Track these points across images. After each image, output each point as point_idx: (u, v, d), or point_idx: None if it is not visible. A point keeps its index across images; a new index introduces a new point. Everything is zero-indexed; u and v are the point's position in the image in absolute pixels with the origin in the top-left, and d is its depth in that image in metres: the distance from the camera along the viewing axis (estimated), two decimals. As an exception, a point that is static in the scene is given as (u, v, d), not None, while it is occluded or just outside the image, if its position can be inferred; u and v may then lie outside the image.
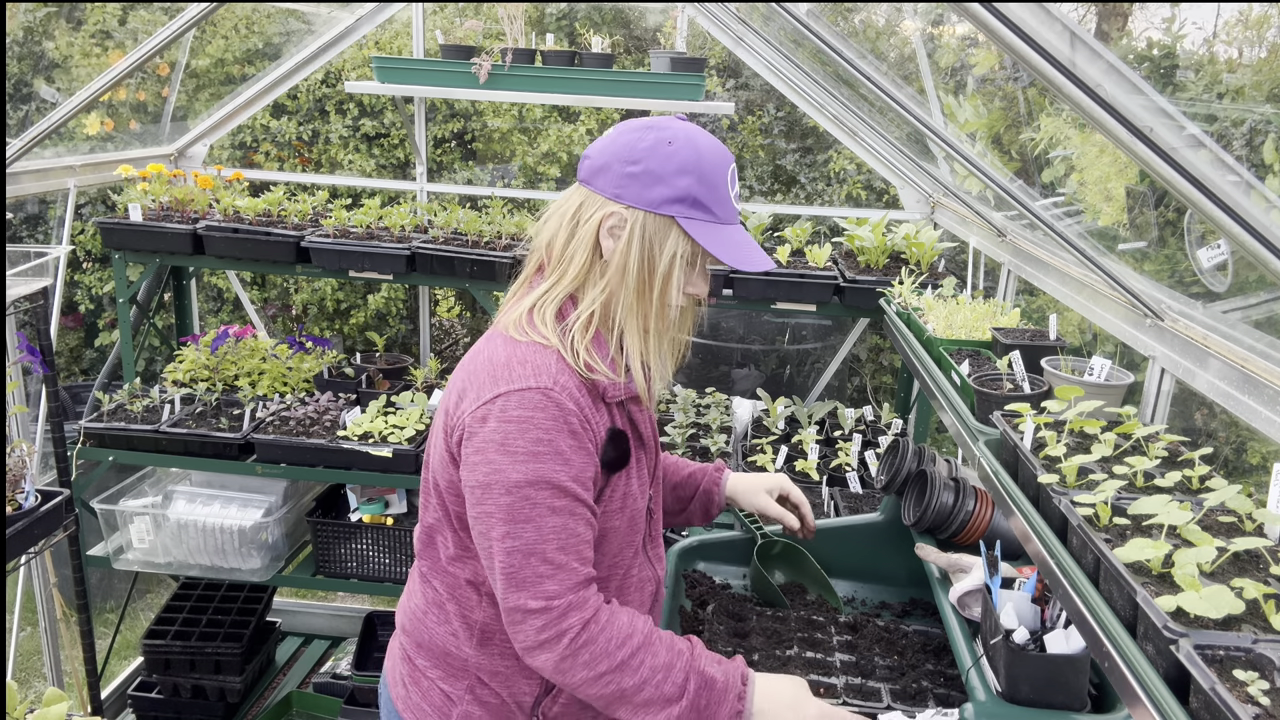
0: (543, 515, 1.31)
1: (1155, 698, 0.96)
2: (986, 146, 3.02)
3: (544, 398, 1.32)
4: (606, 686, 1.33)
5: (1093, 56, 1.05)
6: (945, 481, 1.93)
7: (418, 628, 1.55)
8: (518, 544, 1.31)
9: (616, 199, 1.37)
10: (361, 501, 3.24)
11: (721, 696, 1.37)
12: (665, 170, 1.35)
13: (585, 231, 1.38)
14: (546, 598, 1.31)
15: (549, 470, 1.31)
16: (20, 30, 4.62)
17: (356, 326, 4.92)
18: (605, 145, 1.40)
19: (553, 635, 1.31)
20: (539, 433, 1.31)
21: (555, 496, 1.32)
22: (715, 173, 1.38)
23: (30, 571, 3.14)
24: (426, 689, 1.52)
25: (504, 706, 1.48)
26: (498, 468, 1.31)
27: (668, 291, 1.39)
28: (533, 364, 1.34)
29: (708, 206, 1.37)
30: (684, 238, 1.37)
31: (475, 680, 1.48)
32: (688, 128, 1.40)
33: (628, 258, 1.37)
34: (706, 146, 1.39)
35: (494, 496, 1.31)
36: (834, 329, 4.81)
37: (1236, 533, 1.19)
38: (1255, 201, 1.12)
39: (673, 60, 3.23)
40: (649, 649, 1.36)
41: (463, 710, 1.49)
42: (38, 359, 2.56)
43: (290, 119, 4.79)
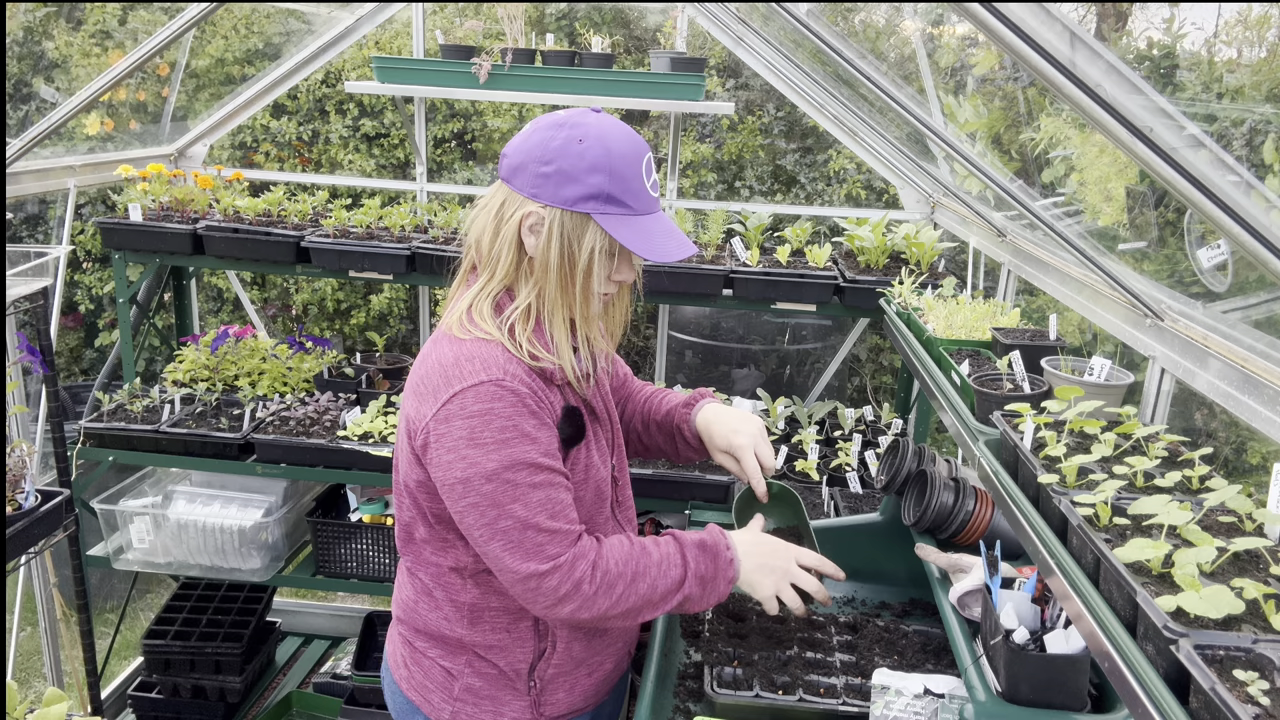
0: (526, 492, 1.39)
1: (1155, 698, 0.96)
2: (986, 146, 3.02)
3: (497, 388, 1.39)
4: (628, 602, 1.46)
5: (1093, 56, 1.05)
6: (945, 481, 1.93)
7: (412, 616, 1.65)
8: (512, 523, 1.39)
9: (534, 198, 1.42)
10: (361, 501, 3.24)
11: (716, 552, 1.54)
12: (577, 169, 1.40)
13: (508, 230, 1.44)
14: (552, 559, 1.40)
15: (520, 452, 1.39)
16: (20, 30, 4.62)
17: (357, 327, 4.92)
18: (520, 143, 1.45)
19: (571, 587, 1.42)
20: (502, 420, 1.39)
21: (533, 473, 1.40)
22: (627, 166, 1.41)
23: (30, 571, 3.14)
24: (428, 667, 1.62)
25: (502, 675, 1.59)
26: (472, 461, 1.38)
27: (589, 283, 1.44)
28: (480, 359, 1.41)
29: (622, 200, 1.41)
30: (601, 233, 1.42)
31: (472, 655, 1.59)
32: (601, 122, 1.43)
33: (549, 254, 1.42)
34: (617, 141, 1.41)
35: (476, 488, 1.39)
36: (834, 329, 4.81)
37: (1236, 533, 1.19)
38: (1255, 201, 1.12)
39: (673, 60, 3.23)
40: (645, 553, 1.51)
41: (464, 683, 1.59)
42: (38, 359, 2.56)
43: (290, 119, 4.79)
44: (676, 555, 1.52)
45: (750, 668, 1.71)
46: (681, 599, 1.50)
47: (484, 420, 1.38)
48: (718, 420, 1.76)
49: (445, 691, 1.60)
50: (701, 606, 1.54)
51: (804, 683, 1.66)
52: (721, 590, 1.54)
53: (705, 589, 1.52)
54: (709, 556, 1.54)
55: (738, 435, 1.73)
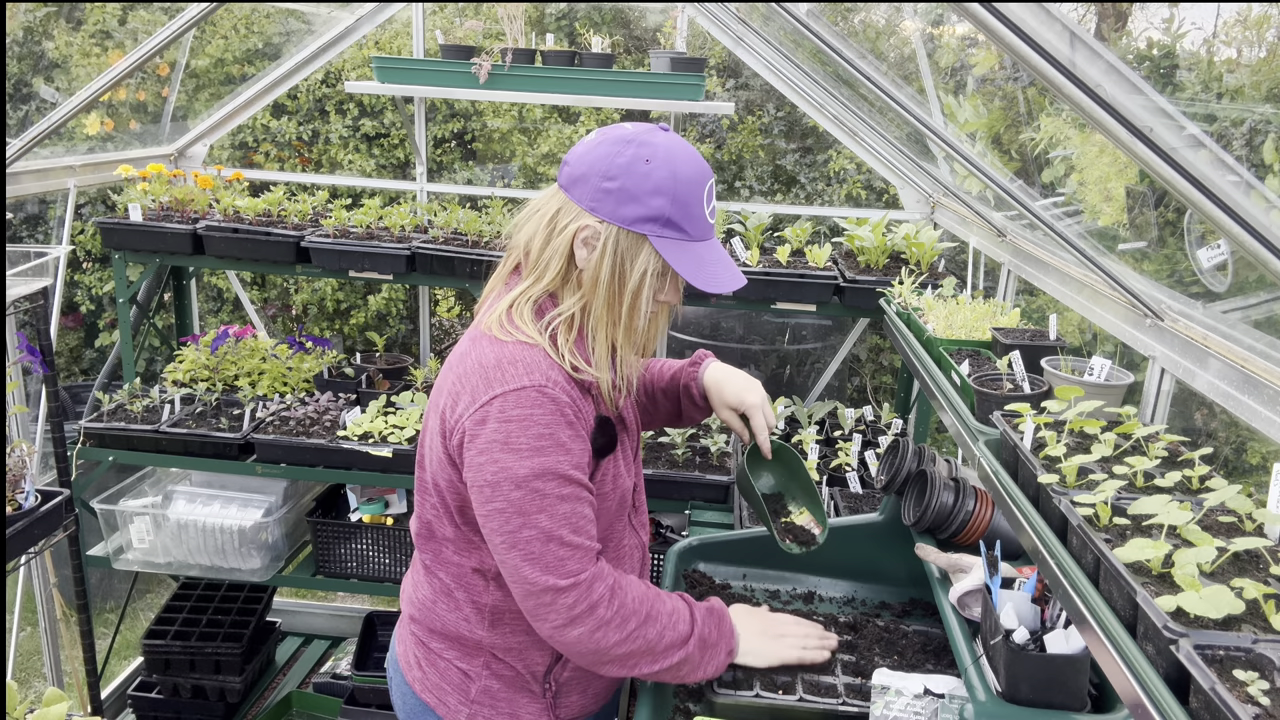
0: (553, 504, 1.37)
1: (1155, 698, 0.96)
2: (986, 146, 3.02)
3: (539, 394, 1.37)
4: (635, 643, 1.44)
5: (1093, 56, 1.05)
6: (945, 481, 1.93)
7: (428, 616, 1.61)
8: (535, 533, 1.37)
9: (592, 211, 1.40)
10: (361, 501, 3.24)
11: (721, 618, 1.56)
12: (640, 190, 1.38)
13: (561, 240, 1.42)
14: (572, 575, 1.39)
15: (553, 462, 1.37)
16: (20, 30, 4.62)
17: (356, 327, 4.92)
18: (584, 153, 1.43)
19: (585, 608, 1.40)
20: (539, 428, 1.37)
21: (562, 485, 1.38)
22: (690, 192, 1.40)
23: (30, 571, 3.14)
24: (444, 669, 1.60)
25: (519, 678, 1.57)
26: (504, 466, 1.36)
27: (637, 304, 1.43)
28: (523, 363, 1.39)
29: (680, 226, 1.40)
30: (655, 255, 1.41)
31: (490, 657, 1.57)
32: (669, 142, 1.42)
33: (600, 271, 1.41)
34: (683, 164, 1.40)
35: (504, 493, 1.37)
36: (834, 329, 4.81)
37: (1236, 533, 1.19)
38: (1255, 201, 1.12)
39: (673, 60, 3.23)
40: (659, 599, 1.50)
41: (481, 685, 1.57)
42: (38, 359, 2.56)
43: (290, 119, 4.79)
44: (685, 612, 1.52)
45: (750, 667, 1.71)
46: (682, 657, 1.49)
47: (521, 426, 1.36)
48: (728, 380, 1.80)
49: (462, 694, 1.58)
50: (695, 675, 1.53)
51: (804, 682, 1.66)
52: (720, 660, 1.55)
53: (705, 654, 1.52)
54: (714, 620, 1.55)
55: (749, 394, 1.77)
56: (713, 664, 1.54)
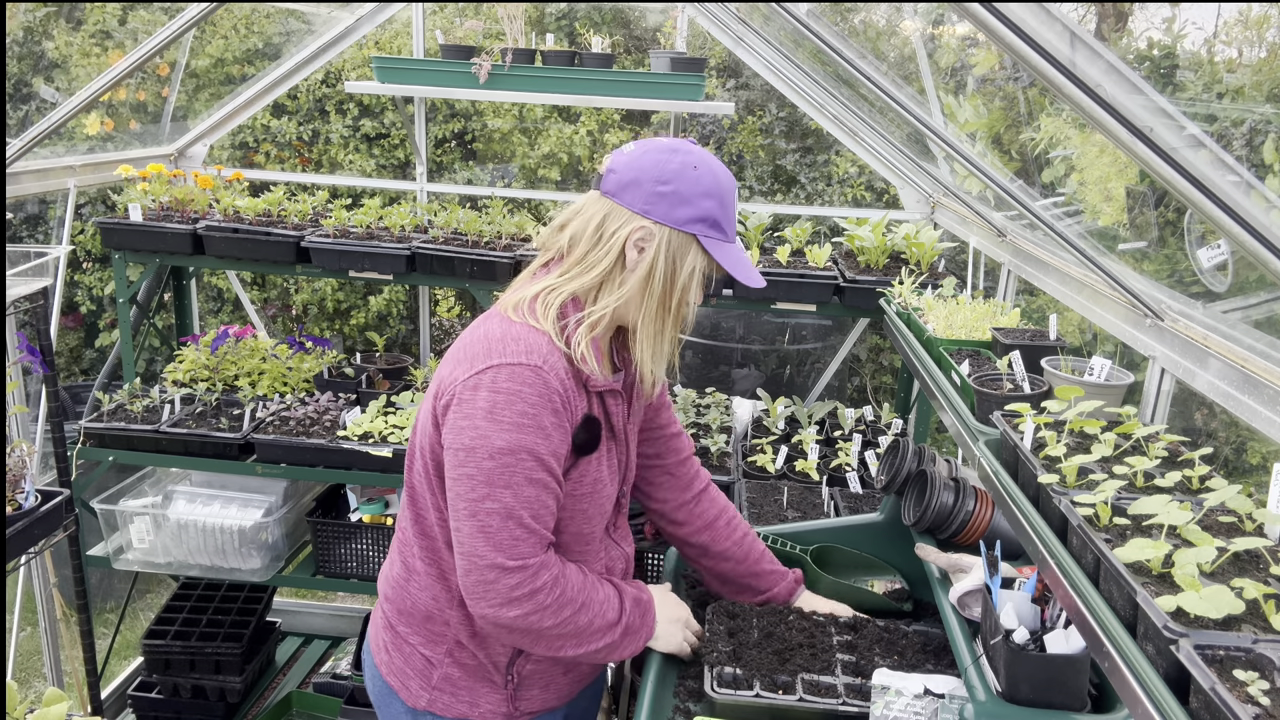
0: (520, 484, 1.42)
1: (1155, 698, 0.96)
2: (986, 146, 3.02)
3: (534, 374, 1.43)
4: (566, 628, 1.50)
5: (1093, 56, 1.05)
6: (945, 481, 1.93)
7: (399, 594, 1.66)
8: (496, 506, 1.42)
9: (645, 214, 1.48)
10: (361, 501, 3.24)
11: (646, 609, 1.65)
12: (693, 192, 1.48)
13: (613, 242, 1.50)
14: (521, 558, 1.43)
15: (531, 441, 1.42)
16: (20, 30, 4.62)
17: (357, 327, 4.92)
18: (632, 161, 1.51)
19: (526, 592, 1.44)
20: (525, 405, 1.42)
21: (535, 468, 1.43)
22: (729, 197, 1.53)
23: (30, 571, 3.14)
24: (408, 654, 1.65)
25: (481, 667, 1.62)
26: (483, 434, 1.41)
27: (685, 300, 1.53)
28: (526, 342, 1.45)
29: (722, 227, 1.52)
30: (702, 254, 1.51)
31: (454, 644, 1.61)
32: (704, 154, 1.55)
33: (654, 270, 1.49)
34: (722, 173, 1.53)
35: (477, 460, 1.41)
36: (834, 329, 4.81)
37: (1236, 533, 1.19)
38: (1255, 201, 1.12)
39: (673, 60, 3.23)
40: (594, 588, 1.56)
41: (443, 673, 1.62)
42: (38, 359, 2.56)
43: (290, 119, 4.79)
44: (615, 599, 1.60)
45: (750, 667, 1.71)
46: (606, 643, 1.57)
47: (509, 399, 1.41)
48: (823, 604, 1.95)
49: (424, 679, 1.63)
50: (615, 656, 1.60)
51: (804, 682, 1.66)
52: (637, 646, 1.64)
53: (626, 639, 1.61)
54: (640, 611, 1.64)
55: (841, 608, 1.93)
56: (630, 648, 1.62)
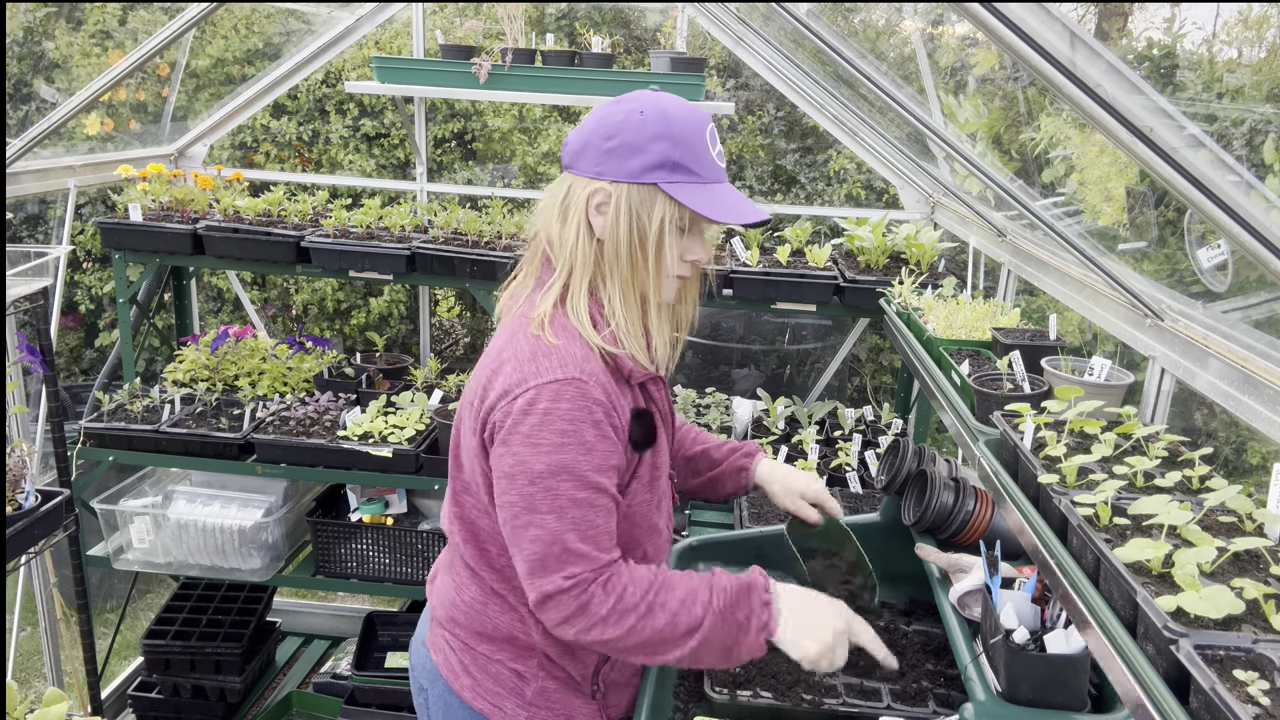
0: (564, 506, 1.35)
1: (1155, 698, 0.96)
2: (986, 146, 3.02)
3: (572, 389, 1.35)
4: (643, 634, 1.37)
5: (1093, 56, 1.05)
6: (945, 481, 1.93)
7: (476, 619, 1.57)
8: (541, 532, 1.35)
9: (599, 176, 1.40)
10: (361, 501, 3.24)
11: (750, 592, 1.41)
12: (640, 139, 1.37)
13: (576, 214, 1.42)
14: (570, 579, 1.36)
15: (571, 461, 1.34)
16: (20, 30, 4.62)
17: (357, 327, 4.92)
18: (581, 129, 1.44)
19: (576, 609, 1.36)
20: (563, 424, 1.34)
21: (577, 488, 1.35)
22: (690, 133, 1.39)
23: (30, 571, 3.14)
24: (497, 673, 1.55)
25: (571, 680, 1.56)
26: (522, 459, 1.35)
27: (662, 259, 1.41)
28: (558, 355, 1.37)
29: (688, 168, 1.38)
30: (670, 202, 1.38)
31: (544, 658, 1.54)
32: (658, 96, 1.42)
33: (618, 231, 1.39)
34: (678, 110, 1.40)
35: (518, 486, 1.35)
36: (834, 329, 4.81)
37: (1236, 533, 1.19)
38: (1255, 201, 1.11)
39: (673, 60, 3.23)
40: (667, 590, 1.40)
41: (538, 687, 1.54)
42: (38, 359, 2.56)
43: (290, 119, 4.79)
44: (705, 593, 1.40)
45: (749, 667, 1.71)
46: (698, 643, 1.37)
47: (546, 420, 1.34)
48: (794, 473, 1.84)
49: (518, 697, 1.54)
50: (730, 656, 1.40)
51: (804, 682, 1.66)
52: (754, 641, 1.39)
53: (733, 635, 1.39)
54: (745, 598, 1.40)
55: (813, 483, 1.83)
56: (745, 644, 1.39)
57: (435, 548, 3.04)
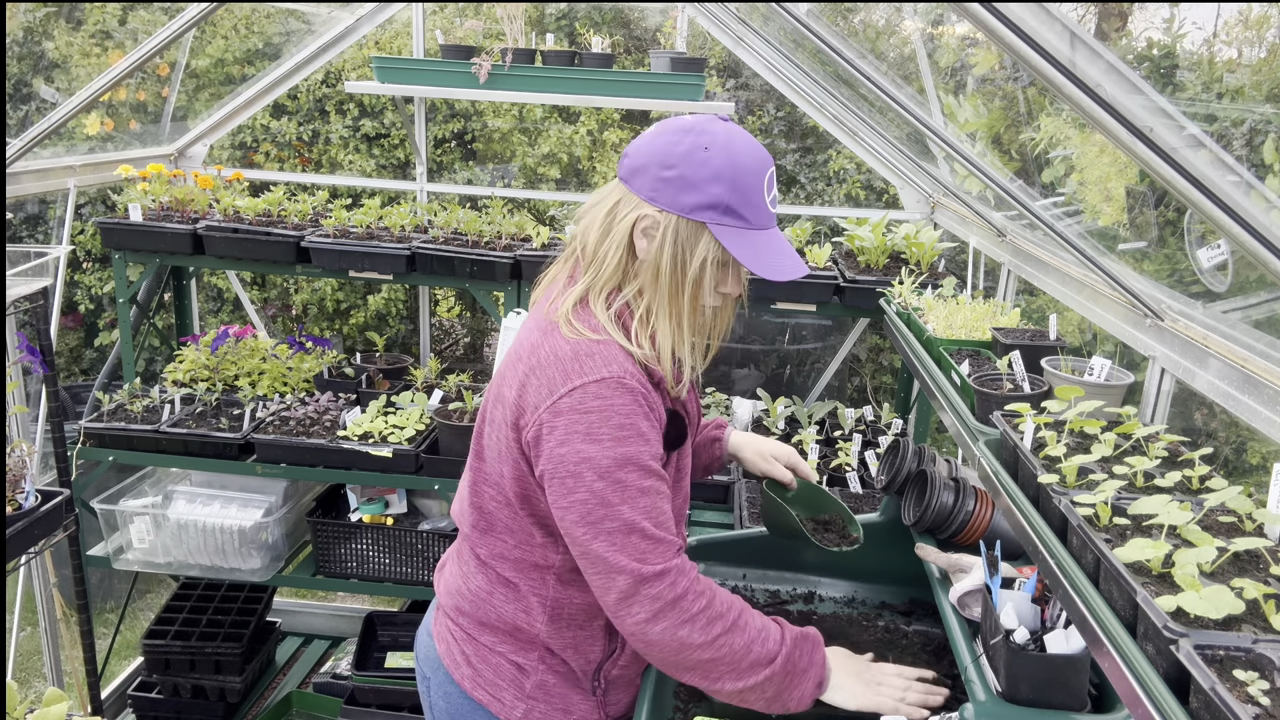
0: (634, 496, 1.37)
1: (1155, 698, 0.96)
2: (986, 146, 3.02)
3: (618, 385, 1.37)
4: (719, 649, 1.39)
5: (1093, 56, 1.05)
6: (945, 481, 1.93)
7: (481, 609, 1.58)
8: (617, 524, 1.36)
9: (651, 201, 1.41)
10: (361, 501, 3.24)
11: (815, 644, 1.49)
12: (699, 177, 1.38)
13: (619, 231, 1.43)
14: (658, 564, 1.37)
15: (634, 452, 1.37)
16: (20, 30, 4.62)
17: (356, 327, 4.91)
18: (644, 145, 1.44)
19: (669, 601, 1.37)
20: (620, 418, 1.37)
21: (643, 476, 1.38)
22: (749, 179, 1.40)
23: (30, 571, 3.14)
24: (497, 664, 1.57)
25: (572, 674, 1.57)
26: (586, 456, 1.36)
27: (699, 293, 1.44)
28: (600, 355, 1.39)
29: (739, 213, 1.40)
30: (715, 243, 1.41)
31: (545, 651, 1.55)
32: (728, 130, 1.42)
33: (660, 260, 1.41)
34: (743, 152, 1.40)
35: (587, 484, 1.36)
36: (834, 329, 4.81)
37: (1236, 533, 1.19)
38: (1255, 201, 1.12)
39: (673, 60, 3.23)
40: (748, 612, 1.45)
41: (537, 680, 1.55)
42: (38, 359, 2.56)
43: (290, 119, 4.79)
44: (776, 631, 1.46)
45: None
46: (766, 676, 1.42)
47: (603, 415, 1.36)
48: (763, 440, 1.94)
49: (517, 689, 1.55)
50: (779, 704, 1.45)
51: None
52: (806, 690, 1.46)
53: (790, 680, 1.45)
54: (807, 646, 1.48)
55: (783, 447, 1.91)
56: (797, 692, 1.46)
57: (435, 548, 3.05)
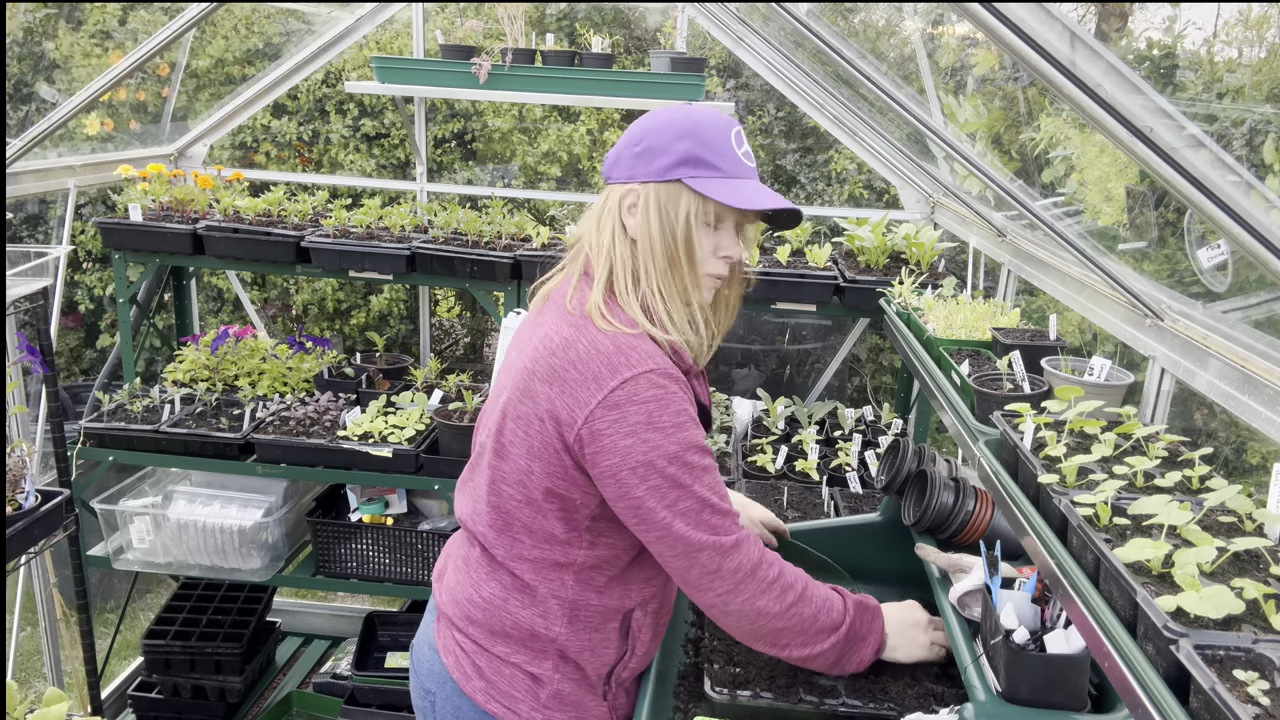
0: (700, 474, 1.42)
1: (1155, 698, 0.96)
2: (986, 146, 3.02)
3: (665, 376, 1.41)
4: (791, 619, 1.48)
5: (1093, 56, 1.05)
6: (945, 481, 1.93)
7: (495, 617, 1.55)
8: (692, 504, 1.41)
9: (629, 180, 1.47)
10: (361, 501, 3.24)
11: (874, 615, 1.59)
12: (664, 140, 1.44)
13: (609, 217, 1.49)
14: (733, 536, 1.44)
15: (693, 435, 1.43)
16: (20, 30, 4.62)
17: (357, 327, 4.91)
18: (617, 143, 1.52)
19: (749, 570, 1.44)
20: (676, 404, 1.41)
21: (703, 456, 1.44)
22: (714, 133, 1.45)
23: (30, 571, 3.14)
24: (511, 675, 1.55)
25: (585, 680, 1.57)
26: (654, 444, 1.39)
27: (694, 254, 1.46)
28: (641, 350, 1.42)
29: (711, 163, 1.44)
30: (694, 196, 1.44)
31: (559, 658, 1.55)
32: (688, 105, 1.50)
33: (649, 229, 1.45)
34: (703, 113, 1.47)
35: (659, 469, 1.39)
36: (834, 329, 4.81)
37: (1236, 533, 1.19)
38: (1255, 201, 1.12)
39: (673, 60, 3.23)
40: (813, 583, 1.53)
41: (552, 689, 1.55)
42: (38, 359, 2.56)
43: (290, 119, 4.79)
44: (839, 601, 1.56)
45: (749, 667, 1.71)
46: (831, 644, 1.52)
47: (661, 404, 1.39)
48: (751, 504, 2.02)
49: (533, 699, 1.54)
50: (844, 665, 1.56)
51: (804, 683, 1.66)
52: (866, 655, 1.58)
53: (852, 646, 1.56)
54: (868, 616, 1.58)
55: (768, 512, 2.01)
56: (858, 657, 1.57)
57: (435, 548, 3.05)
